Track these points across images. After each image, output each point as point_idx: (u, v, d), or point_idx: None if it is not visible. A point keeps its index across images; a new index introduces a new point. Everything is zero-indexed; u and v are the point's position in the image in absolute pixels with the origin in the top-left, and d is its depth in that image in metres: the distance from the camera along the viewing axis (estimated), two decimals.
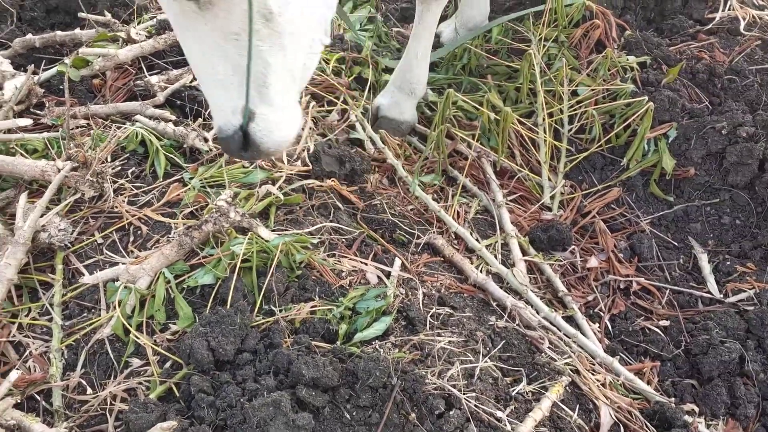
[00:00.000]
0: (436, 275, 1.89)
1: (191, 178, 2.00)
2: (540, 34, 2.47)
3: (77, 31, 2.53)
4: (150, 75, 2.38)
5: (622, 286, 2.09)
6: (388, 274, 1.81)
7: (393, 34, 2.72)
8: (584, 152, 2.32)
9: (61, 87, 2.36)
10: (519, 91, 2.42)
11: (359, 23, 2.74)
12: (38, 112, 2.28)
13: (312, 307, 1.64)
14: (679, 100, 2.27)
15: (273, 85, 1.30)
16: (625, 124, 2.25)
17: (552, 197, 2.25)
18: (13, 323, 1.71)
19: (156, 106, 2.29)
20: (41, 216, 1.80)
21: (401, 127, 2.31)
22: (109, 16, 2.48)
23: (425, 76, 2.29)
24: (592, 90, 2.34)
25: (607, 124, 2.33)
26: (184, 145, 2.13)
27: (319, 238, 1.85)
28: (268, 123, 1.32)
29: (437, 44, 2.76)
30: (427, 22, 2.18)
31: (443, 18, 2.78)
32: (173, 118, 2.25)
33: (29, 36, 2.56)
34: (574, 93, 2.37)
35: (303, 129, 2.20)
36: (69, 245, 1.82)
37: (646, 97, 2.24)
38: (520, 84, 2.39)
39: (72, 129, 2.17)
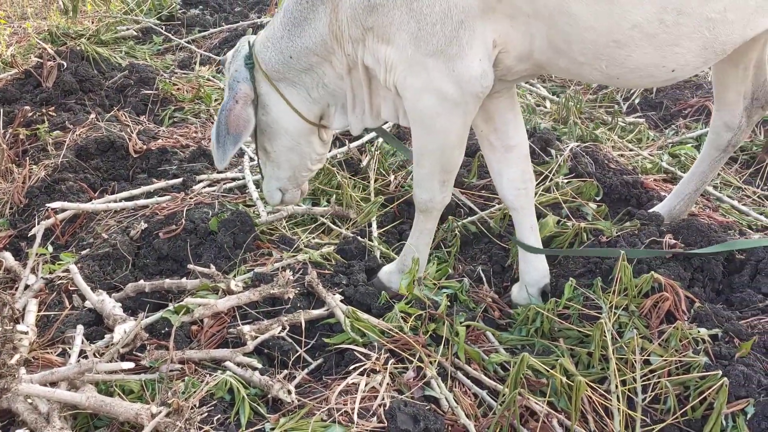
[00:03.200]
0: None
1: (272, 429, 2.09)
2: (610, 302, 2.59)
3: (183, 280, 2.81)
4: (243, 324, 2.59)
5: None
6: None
7: (470, 292, 2.89)
8: (660, 423, 2.30)
9: (163, 331, 2.58)
10: (591, 356, 2.48)
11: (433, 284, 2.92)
12: (139, 354, 2.48)
13: None
14: (754, 375, 2.28)
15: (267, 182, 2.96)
16: (701, 397, 2.25)
17: None
18: None
19: (245, 354, 2.46)
20: None
21: (391, 291, 2.83)
22: (213, 268, 2.77)
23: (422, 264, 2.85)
24: (665, 360, 2.38)
25: (682, 395, 2.33)
26: (269, 395, 2.25)
27: None
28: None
29: (510, 304, 2.92)
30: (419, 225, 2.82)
31: (515, 280, 2.97)
32: (260, 366, 2.41)
33: (141, 282, 2.86)
34: (647, 362, 2.42)
35: (381, 385, 2.31)
36: None
37: (720, 372, 2.26)
38: (592, 350, 2.46)
39: (168, 372, 2.35)
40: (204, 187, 3.65)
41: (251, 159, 3.99)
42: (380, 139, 4.06)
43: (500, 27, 2.32)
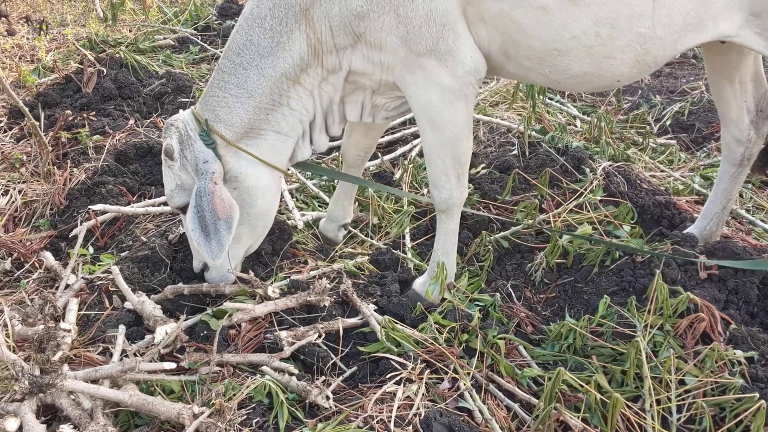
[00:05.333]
0: None
1: None
2: (645, 321, 2.59)
3: (221, 284, 2.86)
4: (280, 329, 2.63)
5: None
6: None
7: (502, 307, 2.91)
8: None
9: (202, 334, 2.63)
10: (625, 374, 2.49)
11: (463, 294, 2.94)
12: (179, 355, 2.53)
13: None
14: None
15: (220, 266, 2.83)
16: (737, 419, 2.25)
17: None
18: None
19: (282, 359, 2.50)
20: None
21: (425, 302, 2.83)
22: (251, 274, 2.81)
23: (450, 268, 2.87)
24: (700, 381, 2.38)
25: (717, 416, 2.33)
26: (306, 400, 2.29)
27: None
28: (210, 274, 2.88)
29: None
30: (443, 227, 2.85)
31: (551, 298, 2.98)
32: (296, 372, 2.44)
33: (179, 284, 2.92)
34: (682, 382, 2.42)
35: (416, 394, 2.34)
36: None
37: (757, 394, 2.26)
38: (627, 368, 2.47)
39: (206, 374, 2.39)
40: None
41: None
42: (413, 153, 4.11)
43: (471, 29, 2.50)
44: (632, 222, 3.35)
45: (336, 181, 3.75)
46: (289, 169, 2.89)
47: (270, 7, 2.53)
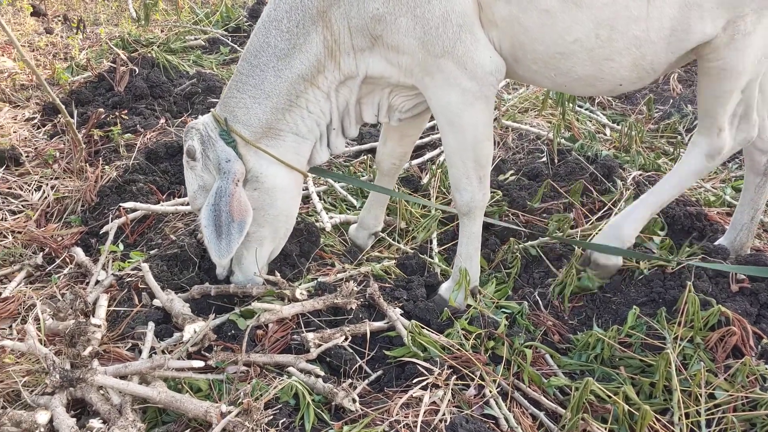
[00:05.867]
0: None
1: None
2: (675, 333, 2.56)
3: (249, 285, 2.87)
4: (307, 331, 2.64)
5: None
6: None
7: (529, 315, 2.89)
8: None
9: (229, 333, 2.65)
10: (654, 386, 2.47)
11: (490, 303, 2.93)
12: (206, 354, 2.55)
13: None
14: None
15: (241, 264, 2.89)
16: None
17: None
18: None
19: (308, 361, 2.51)
20: None
21: (452, 307, 2.83)
22: (278, 275, 2.83)
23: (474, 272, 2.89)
24: (731, 395, 2.35)
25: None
26: (332, 402, 2.29)
27: None
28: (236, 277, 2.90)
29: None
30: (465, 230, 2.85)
31: (579, 308, 2.96)
32: (322, 374, 2.45)
33: (206, 285, 2.94)
34: (711, 396, 2.39)
35: (442, 400, 2.33)
36: None
37: None
38: (656, 380, 2.44)
39: (234, 373, 2.41)
40: None
41: None
42: (441, 158, 4.11)
43: (485, 32, 2.53)
44: (662, 233, 3.32)
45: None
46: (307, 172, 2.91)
47: (287, 10, 2.56)
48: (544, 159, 4.10)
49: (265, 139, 2.71)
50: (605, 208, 3.51)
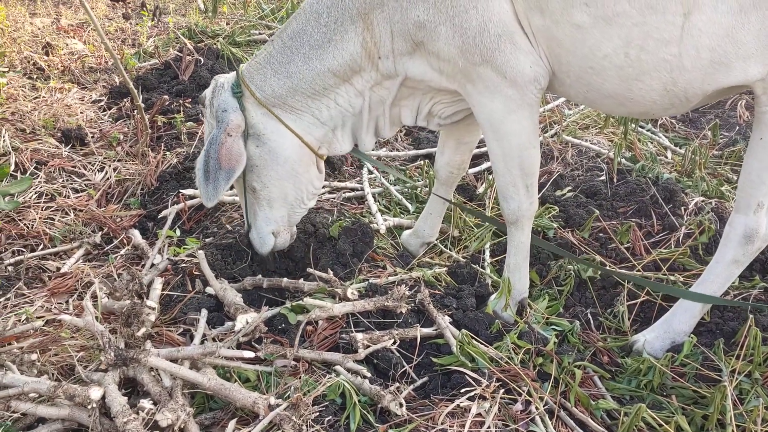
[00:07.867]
0: None
1: None
2: (732, 366, 2.49)
3: (301, 281, 2.89)
4: (356, 331, 2.64)
5: None
6: None
7: (580, 334, 2.84)
8: None
9: (279, 327, 2.67)
10: (706, 419, 2.40)
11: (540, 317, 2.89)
12: (256, 345, 2.57)
13: None
14: None
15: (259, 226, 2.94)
16: None
17: None
18: None
19: (356, 361, 2.51)
20: None
21: (501, 319, 2.83)
22: (331, 273, 2.84)
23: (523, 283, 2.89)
24: None
25: None
26: (378, 405, 2.29)
27: None
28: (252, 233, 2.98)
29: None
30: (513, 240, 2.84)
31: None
32: (369, 375, 2.45)
33: (259, 277, 2.97)
34: None
35: (488, 412, 2.30)
36: None
37: None
38: (709, 413, 2.37)
39: (283, 367, 2.42)
40: (324, 194, 3.75)
41: (369, 171, 4.08)
42: None
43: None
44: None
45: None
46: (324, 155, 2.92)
47: (328, 6, 2.59)
48: (603, 177, 4.03)
49: (279, 109, 2.75)
50: (664, 232, 3.43)
